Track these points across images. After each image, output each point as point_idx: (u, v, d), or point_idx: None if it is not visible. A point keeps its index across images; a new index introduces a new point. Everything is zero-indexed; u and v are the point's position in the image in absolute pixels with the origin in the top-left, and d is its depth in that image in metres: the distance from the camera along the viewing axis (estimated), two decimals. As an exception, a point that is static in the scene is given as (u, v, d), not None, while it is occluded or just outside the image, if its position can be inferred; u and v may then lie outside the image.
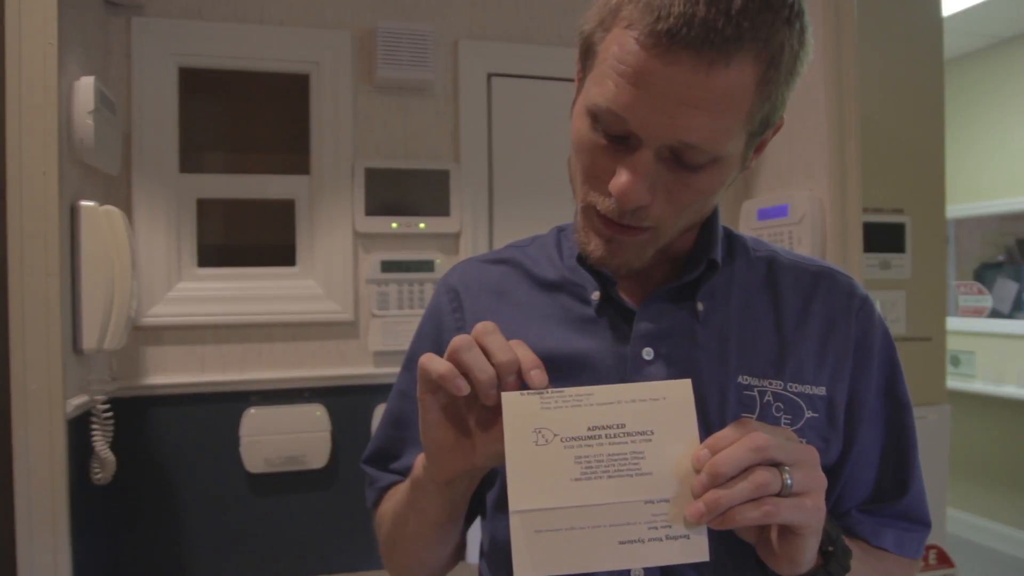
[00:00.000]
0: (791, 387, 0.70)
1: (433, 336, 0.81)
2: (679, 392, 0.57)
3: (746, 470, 0.54)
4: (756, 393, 0.69)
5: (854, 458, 0.73)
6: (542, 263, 0.79)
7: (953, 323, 3.50)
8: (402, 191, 2.03)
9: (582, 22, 0.65)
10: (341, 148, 1.99)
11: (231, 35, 1.92)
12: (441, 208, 2.05)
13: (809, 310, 0.73)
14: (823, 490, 0.57)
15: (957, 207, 3.97)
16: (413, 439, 0.79)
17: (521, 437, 0.56)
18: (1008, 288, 3.96)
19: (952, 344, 3.33)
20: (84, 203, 1.52)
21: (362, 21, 2.01)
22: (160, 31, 1.86)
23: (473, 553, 0.79)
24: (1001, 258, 4.06)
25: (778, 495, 0.54)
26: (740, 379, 0.69)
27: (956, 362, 3.98)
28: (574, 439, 0.56)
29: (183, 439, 1.87)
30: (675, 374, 0.68)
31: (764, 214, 2.07)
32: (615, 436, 0.56)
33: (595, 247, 0.66)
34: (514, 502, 0.55)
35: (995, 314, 3.97)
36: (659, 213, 0.62)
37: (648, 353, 0.69)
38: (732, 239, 0.78)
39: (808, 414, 0.69)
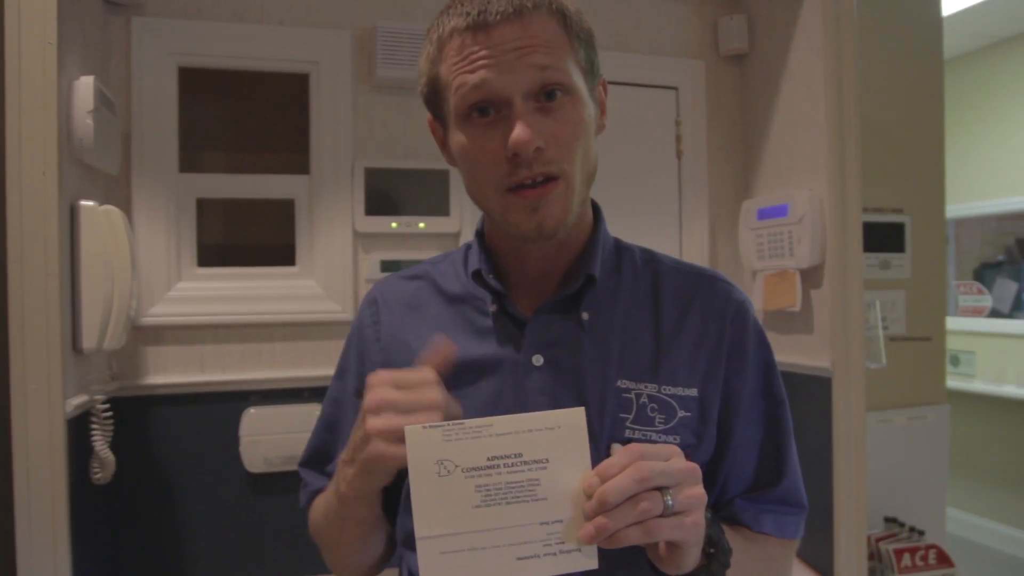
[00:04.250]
0: (665, 389, 0.78)
1: (356, 347, 0.90)
2: (572, 420, 0.63)
3: (632, 497, 0.59)
4: (633, 395, 0.77)
5: (733, 451, 0.81)
6: (450, 278, 0.87)
7: (953, 323, 3.49)
8: (402, 191, 2.03)
9: (418, 81, 0.78)
10: (341, 148, 1.99)
11: (231, 35, 1.92)
12: (441, 208, 2.05)
13: (686, 317, 0.81)
14: (702, 507, 0.63)
15: (957, 207, 3.97)
16: (344, 441, 0.86)
17: (425, 469, 0.61)
18: (1008, 288, 3.96)
19: (952, 344, 3.33)
20: (84, 203, 1.52)
21: (362, 21, 2.01)
22: (160, 31, 1.86)
23: None
24: (1001, 258, 4.06)
25: (661, 516, 0.60)
26: (619, 383, 0.77)
27: (956, 362, 3.98)
28: (474, 469, 0.61)
29: (183, 439, 1.87)
30: (562, 379, 0.77)
31: (764, 214, 2.07)
32: (512, 465, 0.62)
33: (527, 222, 0.73)
34: (420, 529, 0.61)
35: (995, 314, 3.97)
36: (556, 155, 0.72)
37: (537, 359, 0.78)
38: (621, 251, 0.86)
39: (680, 413, 0.77)
